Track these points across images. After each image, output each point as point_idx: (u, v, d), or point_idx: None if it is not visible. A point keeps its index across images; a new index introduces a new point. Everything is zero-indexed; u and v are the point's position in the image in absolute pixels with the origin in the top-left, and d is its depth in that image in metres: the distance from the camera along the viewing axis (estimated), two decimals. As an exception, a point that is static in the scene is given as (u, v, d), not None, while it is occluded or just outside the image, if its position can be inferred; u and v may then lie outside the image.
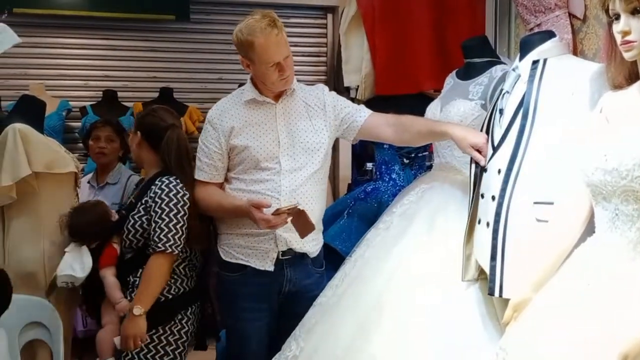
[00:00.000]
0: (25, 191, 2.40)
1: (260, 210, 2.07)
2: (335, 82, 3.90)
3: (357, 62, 3.42)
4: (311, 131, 2.26)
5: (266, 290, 2.24)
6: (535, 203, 1.79)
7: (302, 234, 2.15)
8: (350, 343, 1.96)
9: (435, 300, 1.97)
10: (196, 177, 2.30)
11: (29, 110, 2.54)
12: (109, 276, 2.32)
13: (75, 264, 2.36)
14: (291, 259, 2.24)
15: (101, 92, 4.26)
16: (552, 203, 1.75)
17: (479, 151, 1.98)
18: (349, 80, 3.49)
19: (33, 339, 2.35)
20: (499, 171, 1.87)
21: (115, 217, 2.45)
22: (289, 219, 2.10)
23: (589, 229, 1.58)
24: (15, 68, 4.23)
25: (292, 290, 2.26)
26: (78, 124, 4.29)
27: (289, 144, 2.22)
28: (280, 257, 2.22)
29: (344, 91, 3.74)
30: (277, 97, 2.25)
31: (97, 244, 2.39)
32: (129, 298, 2.27)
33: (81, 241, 2.40)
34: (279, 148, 2.21)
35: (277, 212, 2.08)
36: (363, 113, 2.32)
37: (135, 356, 2.26)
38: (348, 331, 2.00)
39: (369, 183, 2.97)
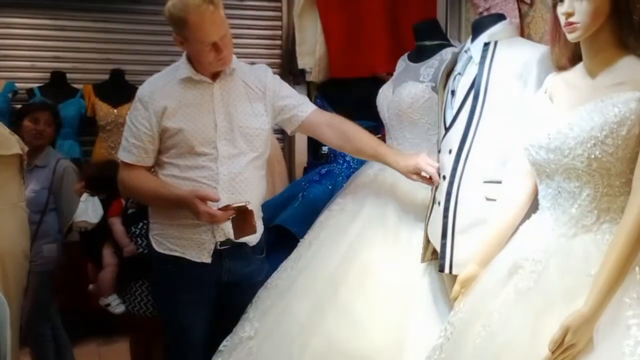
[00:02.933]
0: (-32, 174, 2.31)
1: (205, 203, 1.94)
2: (289, 64, 3.88)
3: (311, 44, 3.40)
4: (251, 115, 2.10)
5: (203, 282, 2.11)
6: (485, 182, 1.84)
7: (239, 235, 2.03)
8: (305, 321, 1.98)
9: (387, 279, 2.00)
10: (122, 158, 2.10)
11: (-30, 89, 2.44)
12: (117, 224, 2.70)
13: (90, 211, 2.74)
14: (229, 249, 2.09)
15: (49, 74, 4.14)
16: (500, 182, 1.80)
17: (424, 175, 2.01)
18: (303, 62, 3.47)
19: (-22, 325, 2.27)
20: (450, 151, 1.91)
21: None
22: (232, 216, 1.99)
23: (534, 206, 1.63)
24: (-43, 48, 4.06)
25: (232, 280, 2.14)
26: (25, 107, 4.15)
27: (227, 128, 2.06)
28: (218, 248, 2.08)
29: (298, 74, 3.73)
30: (215, 76, 2.08)
31: (105, 196, 2.78)
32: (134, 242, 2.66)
33: (94, 192, 2.78)
34: (215, 132, 2.04)
35: (224, 208, 1.95)
36: (306, 107, 2.19)
37: (134, 295, 2.64)
38: (303, 310, 2.01)
39: (324, 166, 2.97)
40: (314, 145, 3.83)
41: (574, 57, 1.55)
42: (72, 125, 4.09)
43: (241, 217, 1.98)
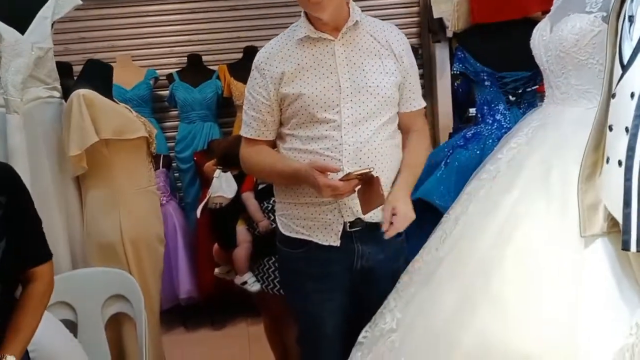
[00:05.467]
0: (97, 160, 2.32)
1: (325, 175, 1.76)
2: (428, 21, 3.53)
3: (448, -12, 2.99)
4: (382, 72, 1.87)
5: (334, 268, 1.93)
6: (682, 132, 1.40)
7: (367, 208, 1.79)
8: (453, 313, 1.66)
9: (553, 262, 1.62)
10: (242, 133, 1.98)
11: (95, 74, 2.42)
12: (251, 198, 2.66)
13: (224, 186, 2.80)
14: (361, 231, 1.90)
15: (185, 58, 4.18)
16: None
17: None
18: (439, 10, 3.08)
19: (117, 312, 2.27)
20: (632, 95, 1.48)
21: None
22: (357, 187, 1.77)
23: None
24: (102, 41, 4.23)
25: (366, 266, 1.94)
26: (166, 92, 4.24)
27: (353, 89, 1.85)
28: (348, 230, 1.89)
29: (438, 31, 3.37)
30: (337, 31, 1.87)
31: (237, 172, 2.81)
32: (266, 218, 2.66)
33: (227, 168, 2.84)
34: (340, 94, 1.84)
35: (346, 178, 1.74)
36: (416, 103, 2.01)
37: (267, 272, 2.61)
38: (450, 300, 1.69)
39: (470, 128, 2.61)
40: (459, 106, 3.47)
41: None
42: (210, 107, 4.12)
43: (367, 186, 1.75)
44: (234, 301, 3.73)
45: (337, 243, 1.90)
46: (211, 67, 4.19)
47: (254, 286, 2.66)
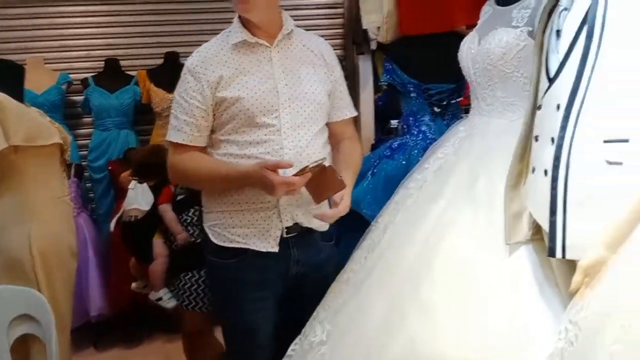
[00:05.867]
0: (6, 167, 2.13)
1: (277, 173, 1.73)
2: (353, 33, 3.55)
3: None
4: (315, 80, 1.91)
5: (270, 276, 1.91)
6: (605, 142, 1.44)
7: (321, 198, 1.78)
8: (382, 322, 1.66)
9: (479, 269, 1.64)
10: (171, 139, 1.89)
11: (5, 76, 2.24)
12: (169, 211, 2.57)
13: (140, 198, 2.73)
14: (297, 236, 1.90)
15: (103, 62, 4.00)
16: (627, 140, 1.40)
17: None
18: (368, 20, 3.10)
19: (24, 333, 2.09)
20: (558, 107, 1.53)
21: None
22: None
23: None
24: (14, 42, 3.97)
25: (300, 272, 1.94)
26: (80, 98, 4.03)
27: (290, 95, 1.86)
28: (285, 236, 1.88)
29: (362, 43, 3.39)
30: (272, 38, 1.89)
31: (154, 183, 2.75)
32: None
33: (143, 179, 2.76)
34: (278, 99, 1.84)
35: (301, 172, 1.72)
36: (347, 112, 2.05)
37: (183, 288, 2.50)
38: (379, 309, 1.69)
39: (395, 138, 2.66)
40: (381, 118, 3.51)
41: None
42: (127, 113, 3.96)
43: (319, 177, 1.75)
44: (151, 316, 3.56)
45: (276, 249, 1.87)
46: (130, 73, 4.03)
47: (169, 302, 2.57)
